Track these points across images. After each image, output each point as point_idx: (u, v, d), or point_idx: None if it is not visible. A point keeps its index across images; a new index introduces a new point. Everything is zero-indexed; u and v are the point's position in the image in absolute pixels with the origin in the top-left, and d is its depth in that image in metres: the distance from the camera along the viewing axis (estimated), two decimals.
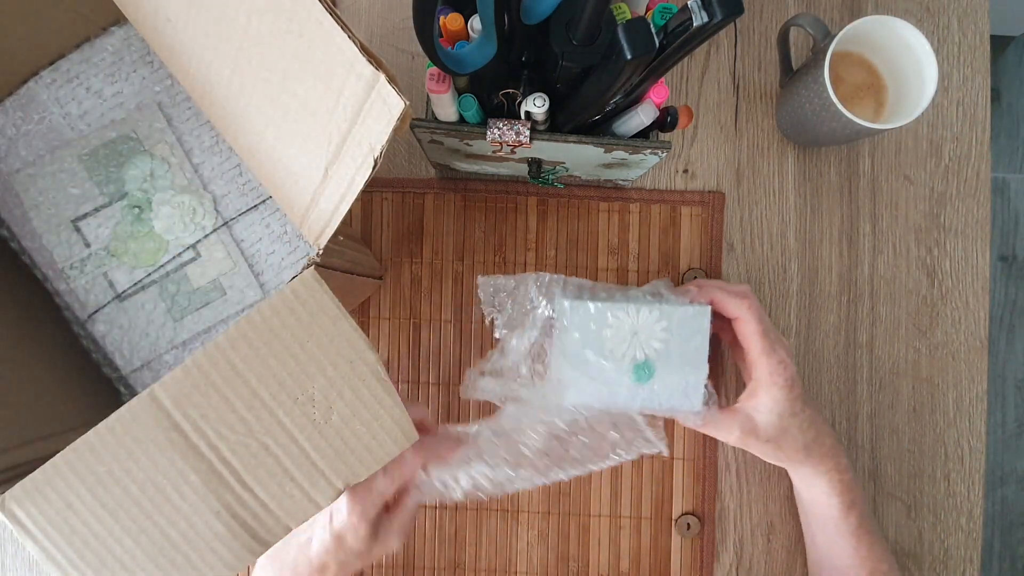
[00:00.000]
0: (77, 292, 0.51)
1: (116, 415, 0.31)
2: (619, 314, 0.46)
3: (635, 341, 0.46)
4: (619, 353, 0.46)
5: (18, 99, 0.51)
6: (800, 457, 0.49)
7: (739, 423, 0.48)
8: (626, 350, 0.46)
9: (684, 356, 0.46)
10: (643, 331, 0.46)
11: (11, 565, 0.56)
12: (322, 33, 0.30)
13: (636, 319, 0.46)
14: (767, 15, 0.60)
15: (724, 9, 0.31)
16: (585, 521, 0.57)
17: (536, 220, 0.58)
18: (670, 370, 0.46)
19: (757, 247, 0.59)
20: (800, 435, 0.48)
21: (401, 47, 0.59)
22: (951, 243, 0.59)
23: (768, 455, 0.50)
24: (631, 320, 0.46)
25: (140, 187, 0.51)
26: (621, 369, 0.46)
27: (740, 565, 0.57)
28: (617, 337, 0.46)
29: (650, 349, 0.46)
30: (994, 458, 1.32)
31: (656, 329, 0.46)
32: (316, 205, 0.35)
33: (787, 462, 0.50)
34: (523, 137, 0.42)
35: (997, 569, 1.31)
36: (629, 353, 0.46)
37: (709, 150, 0.59)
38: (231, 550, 0.31)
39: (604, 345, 0.46)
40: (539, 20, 0.37)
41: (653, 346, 0.46)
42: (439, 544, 0.57)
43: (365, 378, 0.31)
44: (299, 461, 0.31)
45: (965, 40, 0.60)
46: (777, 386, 0.47)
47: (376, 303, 0.58)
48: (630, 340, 0.46)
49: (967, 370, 0.59)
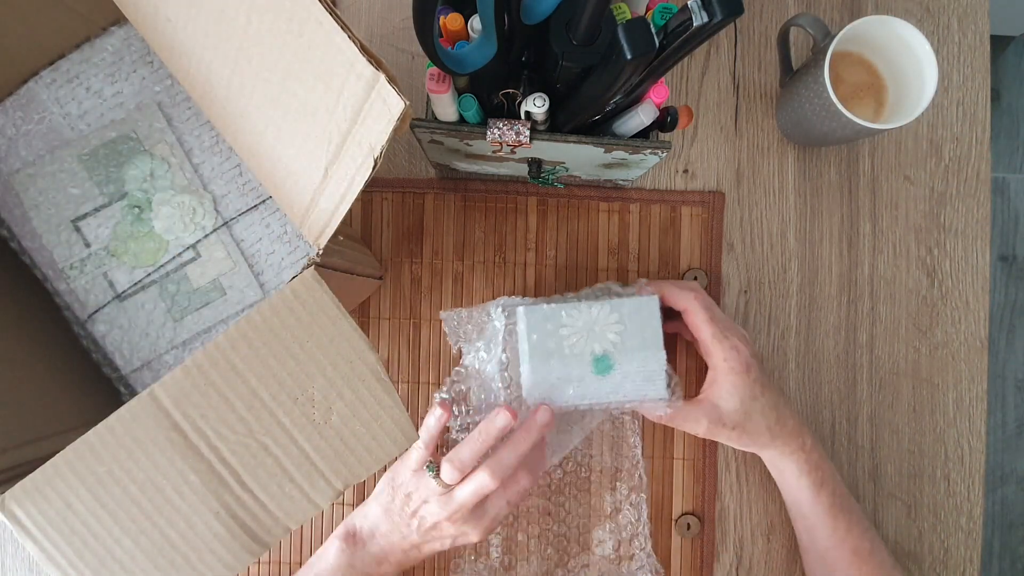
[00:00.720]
0: (77, 292, 0.51)
1: (116, 415, 0.31)
2: (572, 312, 0.47)
3: (591, 336, 0.47)
4: (577, 350, 0.47)
5: (18, 99, 0.51)
6: (765, 439, 0.49)
7: (705, 412, 0.49)
8: (584, 346, 0.47)
9: (640, 344, 0.48)
10: (597, 326, 0.47)
11: (11, 565, 0.56)
12: (322, 33, 0.30)
13: (589, 315, 0.47)
14: (767, 15, 0.60)
15: (724, 9, 0.31)
16: (585, 521, 0.57)
17: (536, 220, 0.58)
18: (629, 359, 0.48)
19: (757, 247, 0.59)
20: (763, 418, 0.49)
21: (401, 47, 0.59)
22: (951, 243, 0.59)
23: (735, 441, 0.50)
24: (584, 317, 0.47)
25: (140, 187, 0.51)
26: (582, 365, 0.47)
27: (740, 565, 0.57)
28: (573, 335, 0.47)
29: (606, 342, 0.47)
30: (994, 458, 1.32)
31: (609, 322, 0.47)
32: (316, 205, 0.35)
33: (754, 447, 0.51)
34: (523, 137, 0.42)
35: (997, 569, 1.31)
36: (587, 349, 0.47)
37: (709, 150, 0.59)
38: (230, 551, 0.31)
39: (562, 344, 0.47)
40: (539, 20, 0.37)
41: (609, 339, 0.47)
42: None
43: (365, 378, 0.31)
44: (299, 461, 0.31)
45: (965, 40, 0.60)
46: (734, 372, 0.48)
47: (376, 303, 0.58)
48: (586, 336, 0.47)
49: (967, 370, 0.59)
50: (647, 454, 0.57)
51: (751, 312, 0.58)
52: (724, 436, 0.49)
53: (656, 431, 0.57)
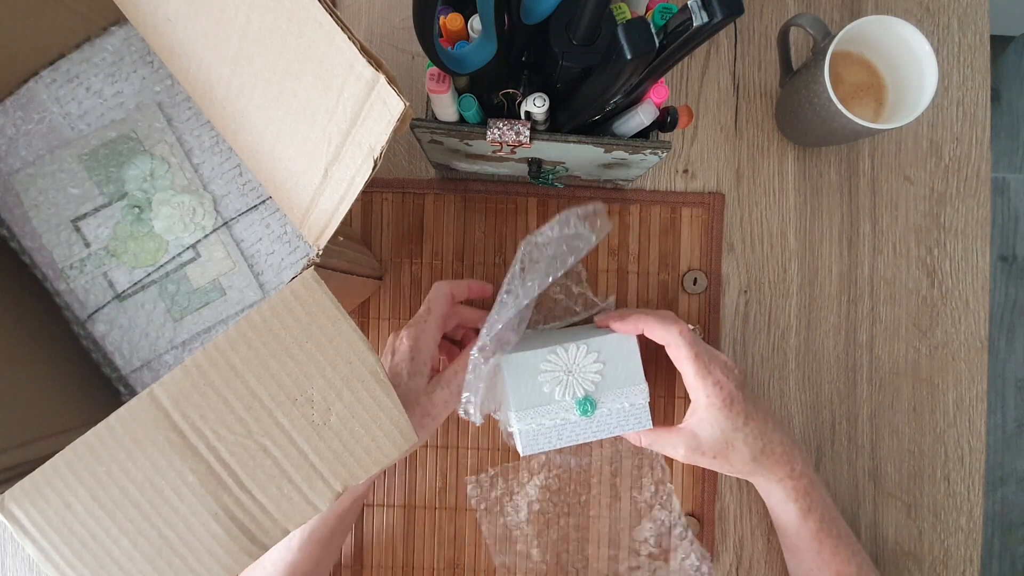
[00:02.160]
0: (77, 292, 0.51)
1: (115, 415, 0.31)
2: (550, 357, 0.47)
3: (571, 380, 0.47)
4: (559, 394, 0.47)
5: (18, 99, 0.51)
6: (749, 469, 0.49)
7: (684, 440, 0.48)
8: (565, 390, 0.47)
9: (621, 381, 0.48)
10: (576, 368, 0.48)
11: (11, 565, 0.56)
12: (322, 33, 0.30)
13: (567, 358, 0.47)
14: (767, 15, 0.60)
15: (724, 9, 0.31)
16: (584, 522, 0.57)
17: (536, 220, 0.58)
18: (612, 397, 0.48)
19: (757, 247, 0.59)
20: (746, 448, 0.48)
21: (401, 47, 0.59)
22: (951, 243, 0.59)
23: (718, 468, 0.50)
24: (563, 360, 0.47)
25: (140, 187, 0.51)
26: (565, 407, 0.47)
27: (740, 565, 0.57)
28: (554, 380, 0.47)
29: (587, 384, 0.48)
30: (994, 458, 1.32)
31: (588, 363, 0.48)
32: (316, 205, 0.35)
33: (739, 473, 0.50)
34: (523, 137, 0.41)
35: (997, 569, 1.31)
36: (569, 391, 0.47)
37: (709, 150, 0.59)
38: (229, 552, 0.31)
39: (542, 389, 0.47)
40: (539, 20, 0.37)
41: (590, 379, 0.48)
42: (439, 544, 0.57)
43: (364, 379, 0.31)
44: (297, 463, 0.31)
45: (965, 40, 0.60)
46: (715, 407, 0.47)
47: (376, 303, 0.58)
48: (566, 380, 0.47)
49: (967, 370, 0.58)
50: (647, 453, 0.57)
51: (751, 312, 0.58)
52: (705, 463, 0.49)
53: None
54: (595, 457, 0.57)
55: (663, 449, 0.49)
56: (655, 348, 0.50)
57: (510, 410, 0.48)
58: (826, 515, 0.50)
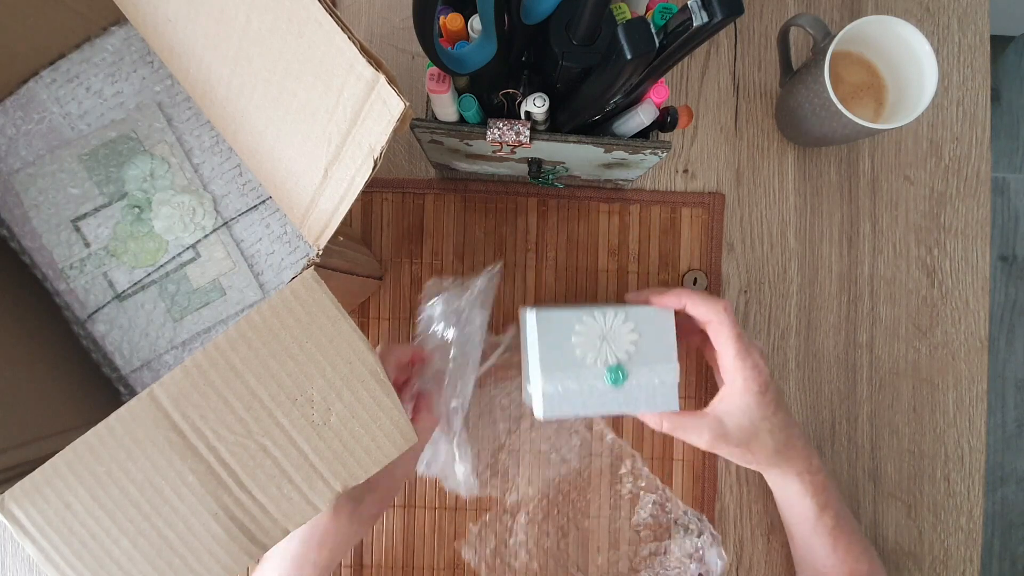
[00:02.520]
0: (77, 292, 0.51)
1: (115, 415, 0.31)
2: (586, 319, 0.46)
3: (604, 345, 0.46)
4: (591, 359, 0.46)
5: (18, 99, 0.51)
6: (771, 461, 0.48)
7: (709, 426, 0.47)
8: (597, 355, 0.46)
9: (654, 356, 0.46)
10: (611, 335, 0.46)
11: (11, 565, 0.56)
12: (322, 34, 0.30)
13: (603, 323, 0.46)
14: (767, 15, 0.60)
15: (724, 9, 0.31)
16: (585, 522, 0.57)
17: (536, 220, 0.58)
18: (643, 372, 0.46)
19: (757, 247, 0.59)
20: (771, 439, 0.47)
21: (401, 47, 0.59)
22: (951, 243, 0.59)
23: (737, 458, 0.49)
24: (598, 324, 0.46)
25: (140, 187, 0.51)
26: (595, 374, 0.46)
27: (740, 565, 0.57)
28: (587, 343, 0.45)
29: (621, 352, 0.46)
30: (994, 458, 1.32)
31: (624, 331, 0.46)
32: (316, 205, 0.35)
33: (757, 465, 0.49)
34: (523, 137, 0.41)
35: (997, 569, 1.31)
36: (600, 358, 0.46)
37: (709, 150, 0.59)
38: (228, 553, 0.31)
39: (574, 352, 0.45)
40: (539, 20, 0.37)
41: (624, 349, 0.46)
42: (439, 544, 0.57)
43: (364, 379, 0.31)
44: (297, 463, 0.31)
45: (965, 40, 0.60)
46: (751, 391, 0.46)
47: (376, 303, 0.58)
48: (599, 345, 0.46)
49: (967, 370, 0.58)
50: (647, 455, 0.57)
51: (751, 312, 0.58)
52: (726, 452, 0.48)
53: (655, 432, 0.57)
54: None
55: (684, 435, 0.48)
56: None
57: (537, 369, 0.45)
58: (841, 512, 0.50)
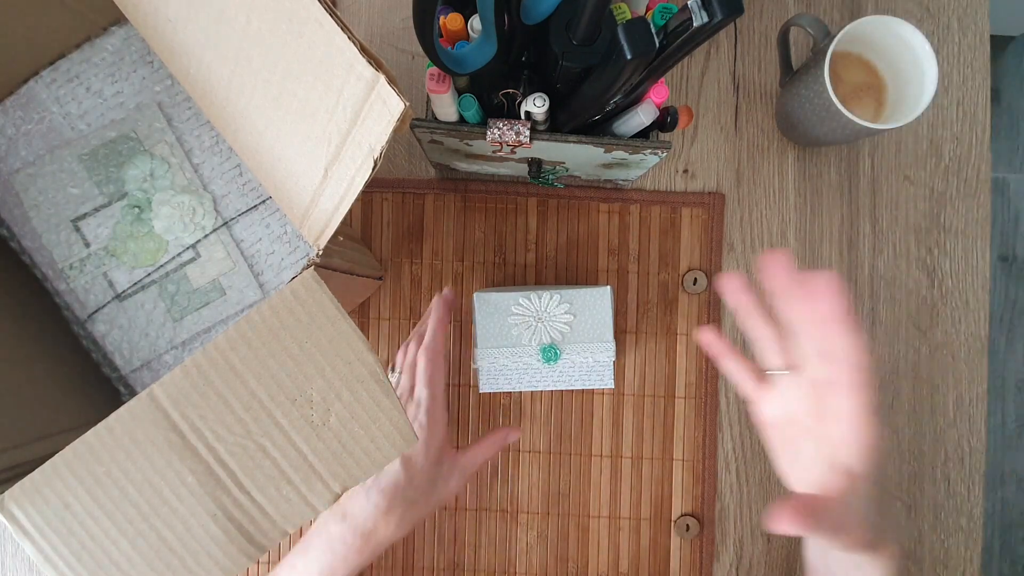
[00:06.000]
0: (77, 292, 0.51)
1: (115, 415, 0.31)
2: (523, 301, 0.49)
3: (540, 326, 0.49)
4: (526, 338, 0.49)
5: (18, 99, 0.51)
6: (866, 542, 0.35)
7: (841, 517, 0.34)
8: (532, 335, 0.49)
9: (589, 336, 0.49)
10: (546, 316, 0.49)
11: (11, 565, 0.56)
12: (322, 33, 0.30)
13: (539, 304, 0.49)
14: (767, 15, 0.60)
15: (724, 9, 0.31)
16: (584, 522, 0.57)
17: (536, 220, 0.58)
18: (577, 351, 0.49)
19: (757, 247, 0.59)
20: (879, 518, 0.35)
21: (401, 47, 0.59)
22: (951, 243, 0.59)
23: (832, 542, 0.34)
24: (534, 306, 0.49)
25: (140, 187, 0.51)
26: (529, 352, 0.49)
27: (740, 565, 0.57)
28: (523, 323, 0.49)
29: (555, 332, 0.49)
30: (994, 458, 1.32)
31: (558, 312, 0.49)
32: (316, 205, 0.34)
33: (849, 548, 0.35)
34: (523, 137, 0.41)
35: (997, 569, 1.31)
36: (535, 338, 0.49)
37: (709, 150, 0.59)
38: (227, 554, 0.31)
39: (511, 332, 0.49)
40: (539, 20, 0.37)
41: (558, 329, 0.49)
42: (439, 544, 0.57)
43: (364, 380, 0.31)
44: (296, 464, 0.31)
45: (965, 40, 0.60)
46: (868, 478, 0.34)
47: (376, 303, 0.58)
48: (535, 325, 0.49)
49: (967, 370, 0.58)
50: (647, 455, 0.57)
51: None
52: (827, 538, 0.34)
53: (655, 431, 0.57)
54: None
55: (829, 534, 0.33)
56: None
57: (475, 347, 0.49)
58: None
